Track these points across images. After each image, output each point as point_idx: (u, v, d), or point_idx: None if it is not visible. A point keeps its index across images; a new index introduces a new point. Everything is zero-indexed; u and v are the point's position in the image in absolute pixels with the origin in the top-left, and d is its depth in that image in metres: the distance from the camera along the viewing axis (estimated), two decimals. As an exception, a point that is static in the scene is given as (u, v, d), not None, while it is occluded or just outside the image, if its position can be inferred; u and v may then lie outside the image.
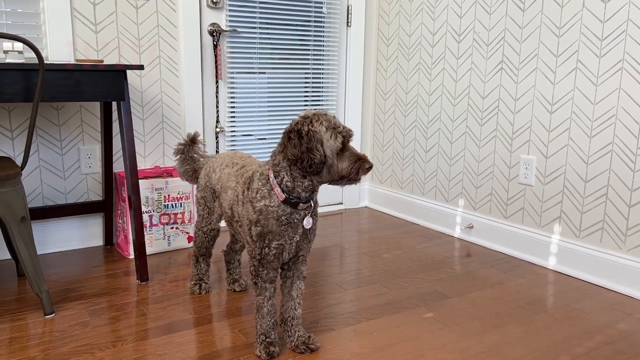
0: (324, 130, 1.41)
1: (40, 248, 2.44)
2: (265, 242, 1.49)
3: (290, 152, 1.41)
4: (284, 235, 1.49)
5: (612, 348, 1.68)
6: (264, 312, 1.57)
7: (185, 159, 1.98)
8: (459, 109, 2.76)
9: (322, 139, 1.41)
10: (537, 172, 2.42)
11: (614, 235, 2.14)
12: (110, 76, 2.00)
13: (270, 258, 1.51)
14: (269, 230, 1.48)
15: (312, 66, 3.09)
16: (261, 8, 2.84)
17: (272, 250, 1.49)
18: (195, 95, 2.71)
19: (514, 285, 2.17)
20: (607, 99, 2.12)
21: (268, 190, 1.47)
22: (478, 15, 2.61)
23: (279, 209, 1.46)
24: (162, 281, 2.15)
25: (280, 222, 1.47)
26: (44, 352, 1.60)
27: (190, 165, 1.98)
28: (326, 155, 1.42)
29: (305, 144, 1.39)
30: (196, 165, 1.98)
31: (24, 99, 1.84)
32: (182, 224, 2.51)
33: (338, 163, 1.43)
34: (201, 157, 2.00)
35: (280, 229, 1.48)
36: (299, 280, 1.61)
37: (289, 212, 1.47)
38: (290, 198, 1.46)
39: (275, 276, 1.56)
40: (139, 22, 2.51)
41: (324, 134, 1.41)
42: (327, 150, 1.41)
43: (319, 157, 1.40)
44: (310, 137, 1.40)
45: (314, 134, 1.40)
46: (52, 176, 2.44)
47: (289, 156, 1.42)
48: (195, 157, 1.99)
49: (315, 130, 1.41)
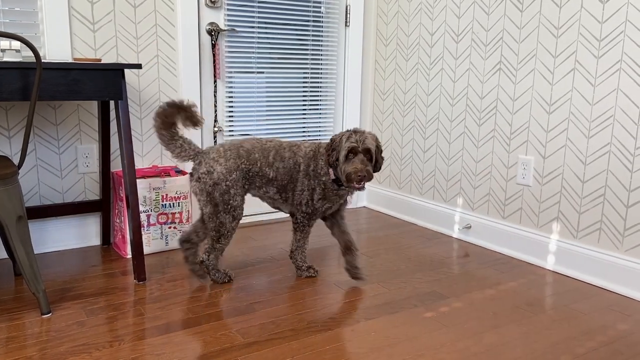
0: (344, 140, 1.92)
1: (37, 247, 2.43)
2: (321, 202, 2.05)
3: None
4: (333, 202, 2.07)
5: (611, 348, 1.68)
6: (305, 249, 2.18)
7: (167, 125, 1.94)
8: (457, 109, 2.77)
9: (341, 146, 1.92)
10: (535, 173, 2.42)
11: (612, 235, 2.15)
12: (108, 75, 1.99)
13: (318, 213, 2.09)
14: (326, 197, 2.04)
15: (311, 66, 3.08)
16: (260, 8, 2.84)
17: (322, 208, 2.07)
18: (193, 94, 2.70)
19: (512, 285, 2.17)
20: (605, 99, 2.13)
21: (327, 169, 2.00)
22: (476, 15, 2.61)
23: (332, 186, 2.02)
24: (159, 281, 2.15)
25: (334, 193, 2.04)
26: (40, 352, 1.59)
27: (168, 134, 1.96)
28: (339, 159, 1.93)
29: (331, 147, 1.95)
30: (175, 142, 1.97)
31: (22, 97, 1.83)
32: (179, 224, 2.51)
33: (343, 166, 1.93)
34: (188, 146, 1.98)
35: (333, 197, 2.05)
36: (342, 219, 2.18)
37: (337, 188, 2.03)
38: (337, 180, 2.00)
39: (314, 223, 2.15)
40: (137, 21, 2.51)
41: (343, 144, 1.92)
42: (341, 156, 1.92)
43: (333, 158, 1.95)
44: (334, 144, 1.95)
45: (338, 142, 1.94)
46: (50, 175, 2.43)
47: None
48: (178, 138, 1.97)
49: (339, 140, 1.94)
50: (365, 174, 1.89)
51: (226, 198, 1.95)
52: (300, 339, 1.70)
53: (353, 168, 1.89)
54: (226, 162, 1.95)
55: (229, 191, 1.95)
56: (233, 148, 1.99)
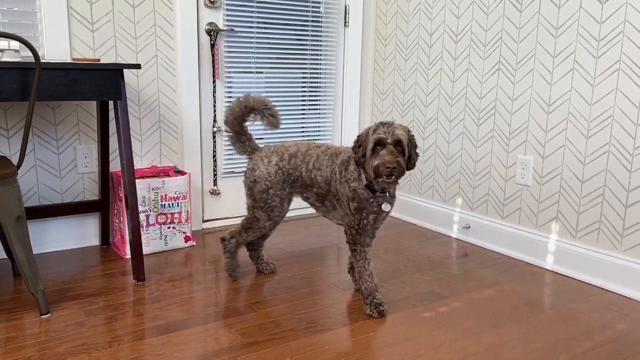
0: (371, 133, 1.71)
1: (36, 247, 2.43)
2: (362, 214, 1.82)
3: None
4: (374, 211, 1.82)
5: (609, 348, 1.68)
6: (366, 276, 1.87)
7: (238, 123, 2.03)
8: (456, 109, 2.77)
9: (368, 140, 1.72)
10: (534, 173, 2.42)
11: (611, 235, 2.15)
12: (107, 75, 1.99)
13: (367, 227, 1.83)
14: (363, 207, 1.81)
15: (310, 66, 3.08)
16: (259, 7, 2.84)
17: (369, 220, 1.82)
18: (192, 94, 2.70)
19: (511, 285, 2.18)
20: (603, 99, 2.13)
21: (358, 174, 1.81)
22: (475, 15, 2.61)
23: (364, 192, 1.80)
24: (158, 281, 2.15)
25: (369, 202, 1.81)
26: (39, 352, 1.59)
27: (237, 131, 2.05)
28: (365, 154, 1.72)
29: (357, 144, 1.75)
30: (242, 139, 2.06)
31: (20, 97, 1.83)
32: (179, 224, 2.51)
33: (370, 160, 1.71)
34: (249, 143, 2.06)
35: (371, 207, 1.81)
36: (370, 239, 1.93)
37: (372, 196, 1.80)
38: (370, 185, 1.79)
39: (371, 242, 1.89)
40: (136, 21, 2.51)
41: (370, 137, 1.71)
42: (367, 151, 1.72)
43: (359, 154, 1.74)
44: (360, 139, 1.75)
45: (364, 137, 1.74)
46: (49, 175, 2.43)
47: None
48: (245, 134, 2.06)
49: (365, 134, 1.73)
50: (395, 165, 1.66)
51: (264, 197, 1.98)
52: (300, 339, 1.70)
53: (381, 160, 1.67)
54: (269, 163, 1.99)
55: (268, 191, 1.98)
56: (279, 150, 2.01)
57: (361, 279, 1.87)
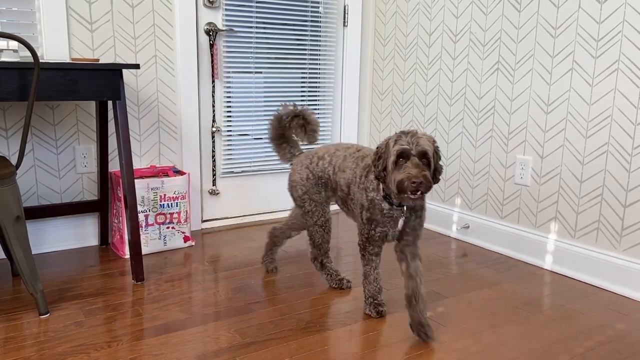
0: (392, 144, 1.57)
1: (35, 248, 2.43)
2: (372, 226, 1.73)
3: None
4: (387, 225, 1.72)
5: (608, 348, 1.68)
6: (370, 279, 1.83)
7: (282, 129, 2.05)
8: (455, 109, 2.77)
9: (389, 152, 1.58)
10: (533, 173, 2.42)
11: (609, 235, 2.15)
12: (105, 75, 1.99)
13: (376, 239, 1.76)
14: (374, 218, 1.72)
15: (309, 66, 3.08)
16: (258, 7, 2.84)
17: (377, 233, 1.74)
18: (191, 94, 2.70)
19: (510, 285, 2.18)
20: (602, 99, 2.13)
21: (377, 184, 1.70)
22: (474, 15, 2.61)
23: (382, 204, 1.69)
24: (157, 281, 2.14)
25: (383, 214, 1.70)
26: (38, 352, 1.59)
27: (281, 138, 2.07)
28: (386, 167, 1.59)
29: (377, 156, 1.63)
30: (288, 144, 2.08)
31: (19, 97, 1.83)
32: (178, 224, 2.51)
33: (393, 174, 1.56)
34: (289, 149, 2.08)
35: (383, 219, 1.71)
36: (413, 260, 1.74)
37: (389, 209, 1.69)
38: (387, 198, 1.68)
39: (380, 251, 1.81)
40: (135, 21, 2.51)
41: (391, 148, 1.57)
42: (389, 164, 1.58)
43: (380, 168, 1.61)
44: (380, 151, 1.62)
45: (384, 148, 1.60)
46: (47, 175, 2.43)
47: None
48: (291, 140, 2.08)
49: (385, 145, 1.60)
50: (422, 180, 1.50)
51: (300, 202, 2.00)
52: (299, 339, 1.70)
53: (406, 174, 1.52)
54: (301, 168, 1.99)
55: (303, 196, 1.99)
56: (310, 155, 2.00)
57: (365, 280, 1.84)
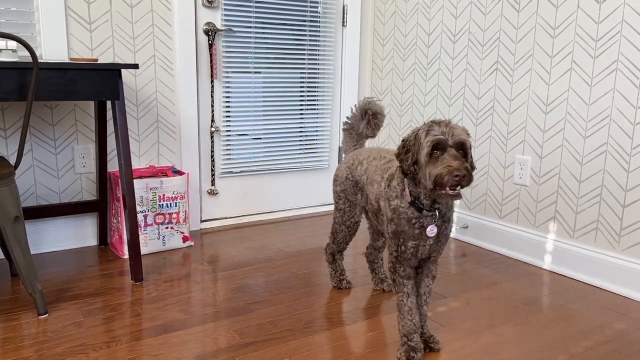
0: (423, 135, 1.40)
1: (34, 248, 2.43)
2: (400, 240, 1.52)
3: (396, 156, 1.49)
4: (417, 238, 1.50)
5: (608, 348, 1.68)
6: (404, 311, 1.58)
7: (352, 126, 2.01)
8: (454, 109, 2.77)
9: (421, 144, 1.40)
10: (532, 173, 2.42)
11: (608, 235, 2.15)
12: (104, 75, 1.99)
13: (407, 256, 1.53)
14: (401, 230, 1.51)
15: (308, 66, 3.08)
16: (257, 7, 2.84)
17: (408, 249, 1.52)
18: (190, 94, 2.70)
19: (508, 285, 2.18)
20: (601, 99, 2.13)
21: (401, 190, 1.51)
22: (473, 15, 2.61)
23: (408, 211, 1.49)
24: (156, 281, 2.14)
25: (411, 224, 1.49)
26: (37, 353, 1.59)
27: (352, 133, 2.02)
28: (417, 160, 1.41)
29: (404, 149, 1.44)
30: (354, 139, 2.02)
31: (18, 97, 1.82)
32: (177, 224, 2.50)
33: (427, 168, 1.38)
34: (350, 141, 2.03)
35: (412, 231, 1.49)
36: (427, 278, 1.62)
37: (417, 216, 1.48)
38: (416, 202, 1.48)
39: (412, 273, 1.58)
40: (134, 21, 2.50)
41: (423, 140, 1.39)
42: (421, 156, 1.39)
43: (409, 162, 1.42)
44: (408, 143, 1.44)
45: (413, 140, 1.42)
46: (46, 175, 2.43)
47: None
48: (355, 136, 2.03)
49: (415, 136, 1.42)
50: (465, 172, 1.33)
51: (336, 198, 1.97)
52: (298, 339, 1.70)
53: (445, 167, 1.34)
54: (345, 166, 1.95)
55: (340, 193, 1.95)
56: (355, 155, 1.92)
57: (398, 314, 1.61)
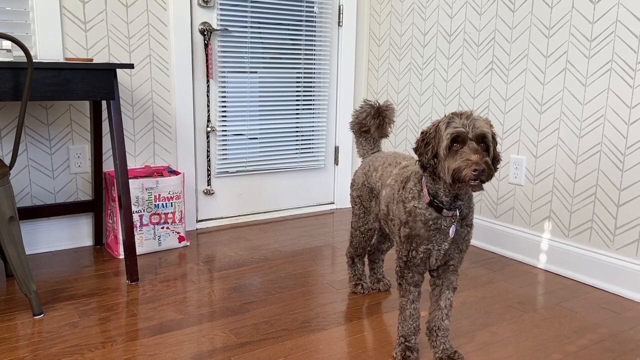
0: (444, 127, 1.34)
1: (29, 248, 2.42)
2: (412, 245, 1.46)
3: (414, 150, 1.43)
4: (432, 241, 1.44)
5: (602, 346, 1.69)
6: (406, 315, 1.55)
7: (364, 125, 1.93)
8: (449, 109, 2.78)
9: (440, 136, 1.35)
10: (527, 172, 2.43)
11: (603, 234, 2.16)
12: (100, 75, 1.99)
13: (417, 262, 1.48)
14: (416, 234, 1.45)
15: (304, 66, 3.08)
16: (253, 7, 2.84)
17: (419, 254, 1.46)
18: (186, 94, 2.70)
19: (503, 284, 2.19)
20: (596, 99, 2.14)
21: (418, 191, 1.45)
22: (469, 15, 2.62)
23: (426, 212, 1.43)
24: (152, 281, 2.14)
25: (427, 226, 1.43)
26: (32, 353, 1.58)
27: (364, 134, 1.97)
28: (437, 153, 1.36)
29: (423, 142, 1.39)
30: (366, 142, 1.97)
31: (13, 97, 1.82)
32: (172, 224, 2.50)
33: (446, 162, 1.33)
34: (366, 145, 1.98)
35: (428, 234, 1.44)
36: (448, 290, 1.54)
37: (436, 217, 1.42)
38: (435, 202, 1.42)
39: (420, 280, 1.53)
40: (129, 21, 2.50)
41: (443, 132, 1.34)
42: (440, 149, 1.34)
43: (429, 155, 1.37)
44: (427, 136, 1.38)
45: (434, 132, 1.37)
46: (41, 176, 2.42)
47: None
48: (368, 137, 1.97)
49: (435, 129, 1.37)
50: (484, 167, 1.28)
51: (352, 202, 1.95)
52: (294, 338, 1.70)
53: (464, 161, 1.29)
54: (362, 172, 1.90)
55: (356, 198, 1.92)
56: (371, 161, 1.87)
57: (399, 315, 1.57)
